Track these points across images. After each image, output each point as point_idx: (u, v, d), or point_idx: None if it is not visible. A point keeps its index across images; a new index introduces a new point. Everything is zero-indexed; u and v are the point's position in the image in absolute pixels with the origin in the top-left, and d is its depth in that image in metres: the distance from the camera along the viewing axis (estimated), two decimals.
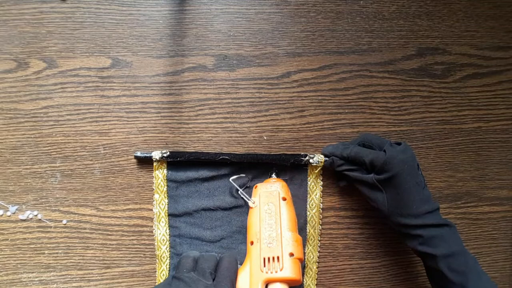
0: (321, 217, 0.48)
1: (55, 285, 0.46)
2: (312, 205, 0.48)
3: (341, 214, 0.49)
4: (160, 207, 0.46)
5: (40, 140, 0.46)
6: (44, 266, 0.46)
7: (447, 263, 0.38)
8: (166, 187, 0.46)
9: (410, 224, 0.40)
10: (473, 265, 0.38)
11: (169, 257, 0.46)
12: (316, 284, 0.48)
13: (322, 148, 0.48)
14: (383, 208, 0.42)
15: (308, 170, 0.47)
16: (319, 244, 0.48)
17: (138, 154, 0.45)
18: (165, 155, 0.44)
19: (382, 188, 0.41)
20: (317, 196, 0.48)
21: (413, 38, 0.49)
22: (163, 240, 0.46)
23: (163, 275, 0.46)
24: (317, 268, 0.48)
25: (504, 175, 0.52)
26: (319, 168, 0.47)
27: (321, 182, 0.48)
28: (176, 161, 0.45)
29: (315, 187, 0.48)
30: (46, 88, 0.45)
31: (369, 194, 0.43)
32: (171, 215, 0.46)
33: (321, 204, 0.48)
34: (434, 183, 0.51)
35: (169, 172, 0.46)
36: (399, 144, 0.43)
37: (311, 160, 0.45)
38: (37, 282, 0.46)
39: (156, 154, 0.44)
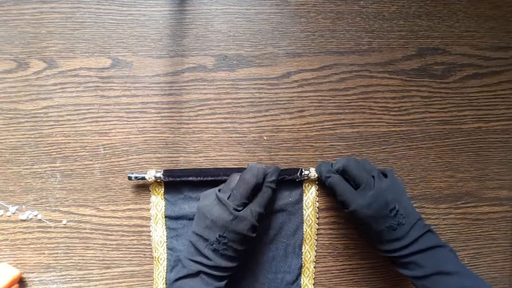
0: (317, 216, 0.48)
1: (55, 285, 0.46)
2: (308, 204, 0.48)
3: (341, 214, 0.49)
4: (157, 209, 0.46)
5: (40, 140, 0.46)
6: (44, 266, 0.46)
7: (421, 283, 0.39)
8: (163, 189, 0.46)
9: (383, 255, 0.42)
10: (458, 283, 0.38)
11: (167, 258, 0.46)
12: (313, 284, 0.48)
13: (321, 148, 0.48)
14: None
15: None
16: (316, 244, 0.48)
17: (132, 176, 0.45)
18: (158, 174, 0.44)
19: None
20: (312, 194, 0.48)
21: (413, 38, 0.49)
22: (160, 241, 0.46)
23: (161, 276, 0.46)
24: (314, 268, 0.48)
25: (504, 175, 0.52)
26: None
27: (317, 181, 0.48)
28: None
29: (310, 186, 0.47)
30: (46, 88, 0.45)
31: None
32: (168, 217, 0.46)
33: (317, 203, 0.48)
34: (434, 183, 0.51)
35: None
36: (385, 175, 0.42)
37: (307, 174, 0.46)
38: (37, 282, 0.46)
39: (150, 175, 0.44)
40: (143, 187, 0.47)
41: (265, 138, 0.48)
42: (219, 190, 0.42)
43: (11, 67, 0.45)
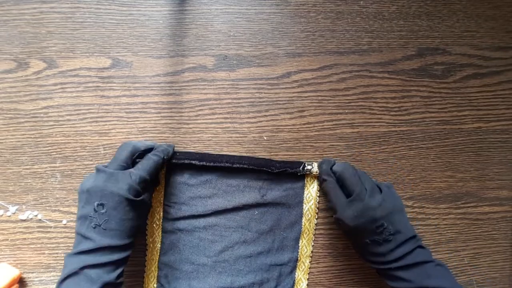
0: (317, 211, 0.48)
1: (55, 285, 0.46)
2: (308, 198, 0.47)
3: None
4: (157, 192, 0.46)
5: (40, 140, 0.46)
6: (44, 266, 0.46)
7: None
8: (164, 171, 0.46)
9: (367, 264, 0.43)
10: None
11: (160, 241, 0.46)
12: (307, 279, 0.48)
13: (321, 148, 0.48)
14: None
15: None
16: (313, 239, 0.48)
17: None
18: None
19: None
20: (314, 189, 0.47)
21: (413, 38, 0.49)
22: (157, 225, 0.46)
23: (153, 260, 0.46)
24: (310, 262, 0.48)
25: (504, 175, 0.52)
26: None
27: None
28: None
29: (312, 180, 0.47)
30: (46, 88, 0.45)
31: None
32: (165, 204, 0.46)
33: (318, 198, 0.48)
34: (434, 183, 0.51)
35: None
36: (380, 189, 0.41)
37: (309, 168, 0.46)
38: (37, 282, 0.46)
39: None
40: None
41: (265, 138, 0.48)
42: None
43: (11, 67, 0.45)
